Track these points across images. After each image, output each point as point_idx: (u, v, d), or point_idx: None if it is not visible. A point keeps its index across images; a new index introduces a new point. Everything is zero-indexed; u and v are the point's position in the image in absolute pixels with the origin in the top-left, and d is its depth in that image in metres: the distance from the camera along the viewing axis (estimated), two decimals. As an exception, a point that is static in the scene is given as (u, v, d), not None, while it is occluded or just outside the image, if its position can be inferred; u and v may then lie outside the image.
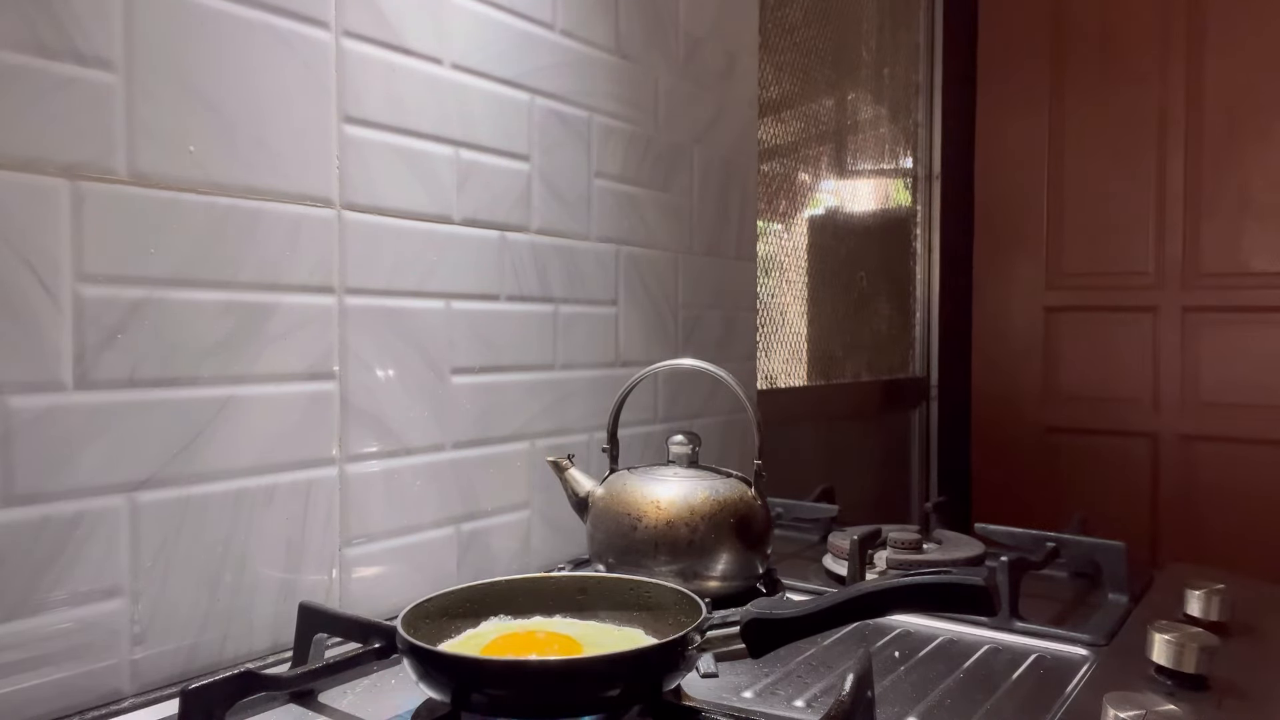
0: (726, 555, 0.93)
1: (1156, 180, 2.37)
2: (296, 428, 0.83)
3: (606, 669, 0.61)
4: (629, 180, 1.23)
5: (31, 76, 0.66)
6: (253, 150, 0.80)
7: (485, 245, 1.02)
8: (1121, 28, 2.40)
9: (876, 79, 2.30)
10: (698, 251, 1.36)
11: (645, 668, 0.62)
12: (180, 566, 0.75)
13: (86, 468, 0.69)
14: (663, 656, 0.62)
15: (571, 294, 1.14)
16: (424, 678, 0.62)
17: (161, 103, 0.73)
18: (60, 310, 0.68)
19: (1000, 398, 2.58)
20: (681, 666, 0.63)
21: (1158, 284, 2.36)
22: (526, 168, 1.07)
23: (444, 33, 0.97)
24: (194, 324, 0.76)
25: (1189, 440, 2.32)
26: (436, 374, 0.97)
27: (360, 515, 0.89)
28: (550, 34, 1.10)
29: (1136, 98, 2.38)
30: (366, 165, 0.89)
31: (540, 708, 0.60)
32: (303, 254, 0.84)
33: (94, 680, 0.70)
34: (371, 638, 0.71)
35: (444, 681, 0.62)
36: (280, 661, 0.80)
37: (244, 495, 0.79)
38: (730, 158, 1.45)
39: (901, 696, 0.73)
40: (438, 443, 0.97)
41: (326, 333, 0.86)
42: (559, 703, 0.60)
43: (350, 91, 0.87)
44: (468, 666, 0.61)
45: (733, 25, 1.45)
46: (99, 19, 0.69)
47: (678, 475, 0.97)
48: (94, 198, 0.69)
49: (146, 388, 0.73)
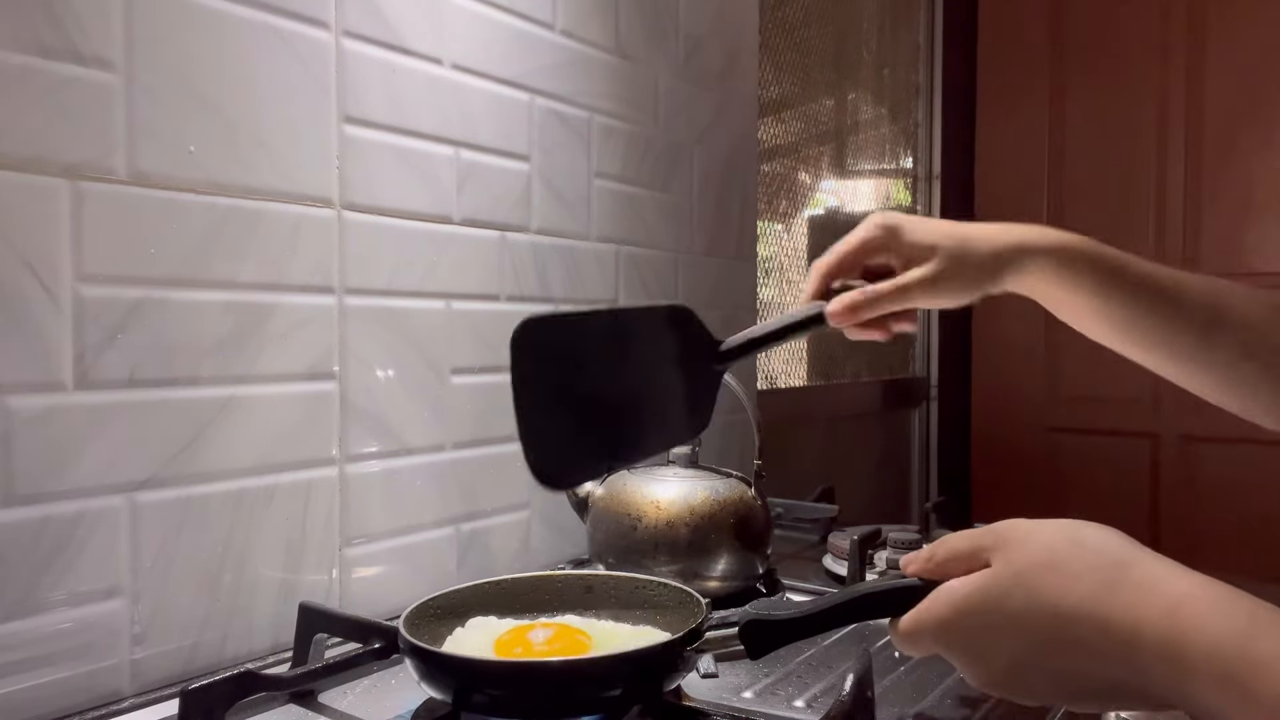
0: (726, 555, 0.93)
1: (1156, 180, 2.37)
2: (296, 428, 0.83)
3: (606, 670, 0.61)
4: (629, 180, 1.23)
5: (31, 76, 0.66)
6: (253, 150, 0.80)
7: (485, 245, 1.02)
8: (1121, 28, 2.40)
9: (876, 79, 2.30)
10: (698, 251, 1.36)
11: (645, 669, 0.62)
12: (180, 566, 0.75)
13: (86, 468, 0.69)
14: (663, 658, 0.62)
15: (571, 294, 1.14)
16: (425, 678, 0.62)
17: (161, 103, 0.73)
18: (60, 310, 0.68)
19: (1000, 398, 2.58)
20: (681, 667, 0.63)
21: (1158, 284, 2.36)
22: (526, 168, 1.07)
23: (444, 33, 0.97)
24: (194, 324, 0.76)
25: (1189, 440, 2.32)
26: (436, 374, 0.97)
27: (360, 515, 0.89)
28: (550, 34, 1.10)
29: (1136, 97, 2.38)
30: (366, 165, 0.89)
31: (541, 708, 0.60)
32: (303, 254, 0.84)
33: (94, 680, 0.70)
34: (371, 638, 0.72)
35: (445, 682, 0.62)
36: (280, 661, 0.80)
37: (244, 495, 0.79)
38: (730, 158, 1.45)
39: (901, 696, 0.73)
40: (438, 443, 0.97)
41: (326, 333, 0.86)
42: (559, 704, 0.60)
43: (350, 91, 0.87)
44: (468, 668, 0.61)
45: (733, 25, 1.45)
46: (99, 19, 0.69)
47: (678, 475, 0.96)
48: (94, 198, 0.69)
49: (146, 388, 0.73)
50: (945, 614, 0.51)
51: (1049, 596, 0.48)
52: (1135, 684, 0.46)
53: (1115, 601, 0.47)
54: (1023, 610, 0.48)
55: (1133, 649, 0.46)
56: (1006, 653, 0.49)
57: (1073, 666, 0.48)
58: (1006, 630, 0.49)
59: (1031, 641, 0.48)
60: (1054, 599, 0.48)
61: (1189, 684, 0.44)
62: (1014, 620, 0.49)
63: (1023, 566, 0.50)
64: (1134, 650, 0.46)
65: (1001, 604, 0.49)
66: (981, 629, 0.50)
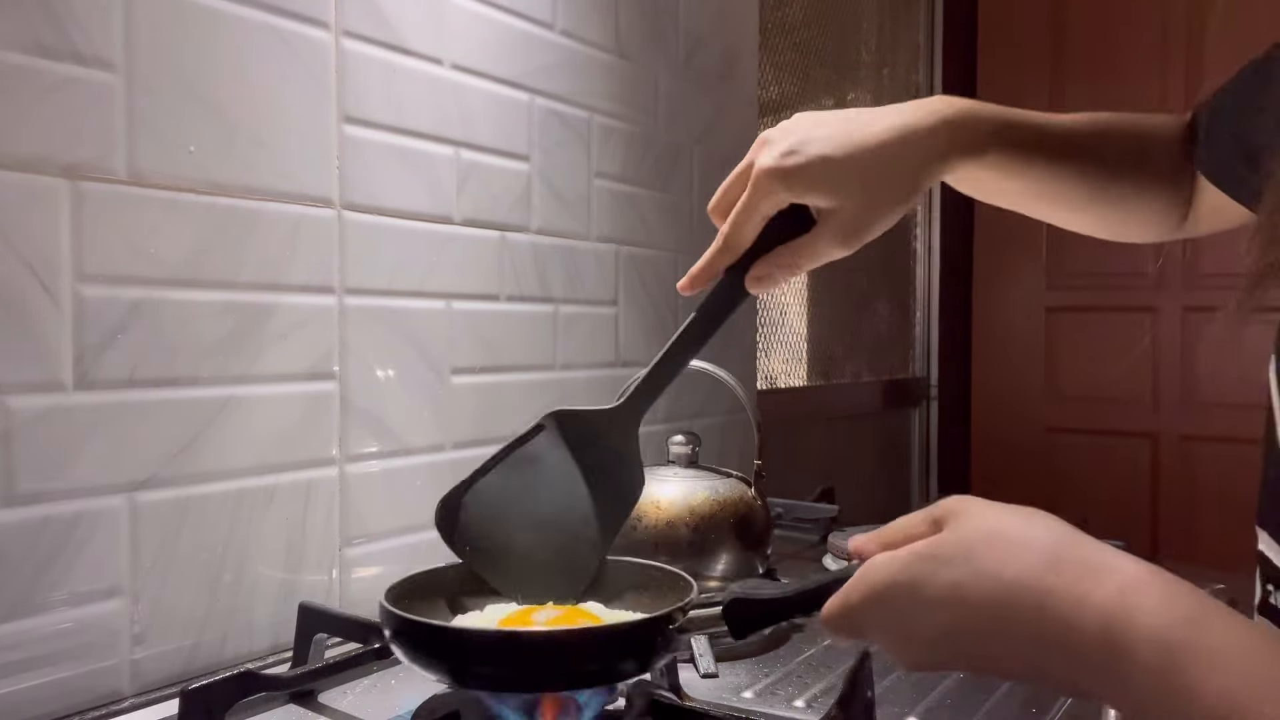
0: (726, 555, 0.93)
1: (1156, 180, 2.36)
2: (296, 428, 0.83)
3: (583, 642, 0.59)
4: (629, 180, 1.23)
5: (31, 76, 0.66)
6: (253, 150, 0.80)
7: (485, 245, 1.02)
8: (1121, 28, 2.40)
9: (876, 79, 2.29)
10: (698, 251, 1.36)
11: (627, 644, 0.60)
12: (180, 566, 0.75)
13: (86, 468, 0.69)
14: (645, 633, 0.60)
15: (571, 294, 1.14)
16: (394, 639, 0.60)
17: (161, 103, 0.73)
18: (60, 310, 0.68)
19: (1000, 398, 2.58)
20: (664, 646, 0.61)
21: (1158, 284, 2.36)
22: (526, 168, 1.07)
23: (444, 33, 0.97)
24: (194, 324, 0.76)
25: (1189, 440, 2.32)
26: (436, 374, 0.97)
27: (360, 515, 0.89)
28: (550, 34, 1.10)
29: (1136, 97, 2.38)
30: (366, 165, 0.89)
31: (513, 680, 0.59)
32: (303, 254, 0.84)
33: (94, 680, 0.70)
34: (371, 638, 0.72)
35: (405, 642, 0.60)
36: (280, 661, 0.80)
37: (244, 495, 0.79)
38: (730, 158, 1.44)
39: (901, 696, 0.73)
40: (438, 443, 0.97)
41: (326, 333, 0.86)
42: (535, 676, 0.59)
43: (350, 91, 0.87)
44: (430, 633, 0.59)
45: (733, 25, 1.45)
46: (99, 19, 0.69)
47: (677, 475, 0.96)
48: (94, 198, 0.69)
49: (146, 388, 0.73)
50: (879, 583, 0.48)
51: (991, 566, 0.45)
52: (1065, 666, 0.43)
53: (1060, 576, 0.44)
54: (961, 579, 0.45)
55: (1070, 627, 0.43)
56: (937, 623, 0.46)
57: (1002, 644, 0.45)
58: (941, 600, 0.46)
59: (964, 614, 0.45)
60: (995, 568, 0.45)
61: (1124, 667, 0.41)
62: (952, 589, 0.46)
63: (967, 535, 0.47)
64: (1071, 628, 0.43)
65: (939, 573, 0.46)
66: (911, 601, 0.47)
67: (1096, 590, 0.43)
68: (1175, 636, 0.41)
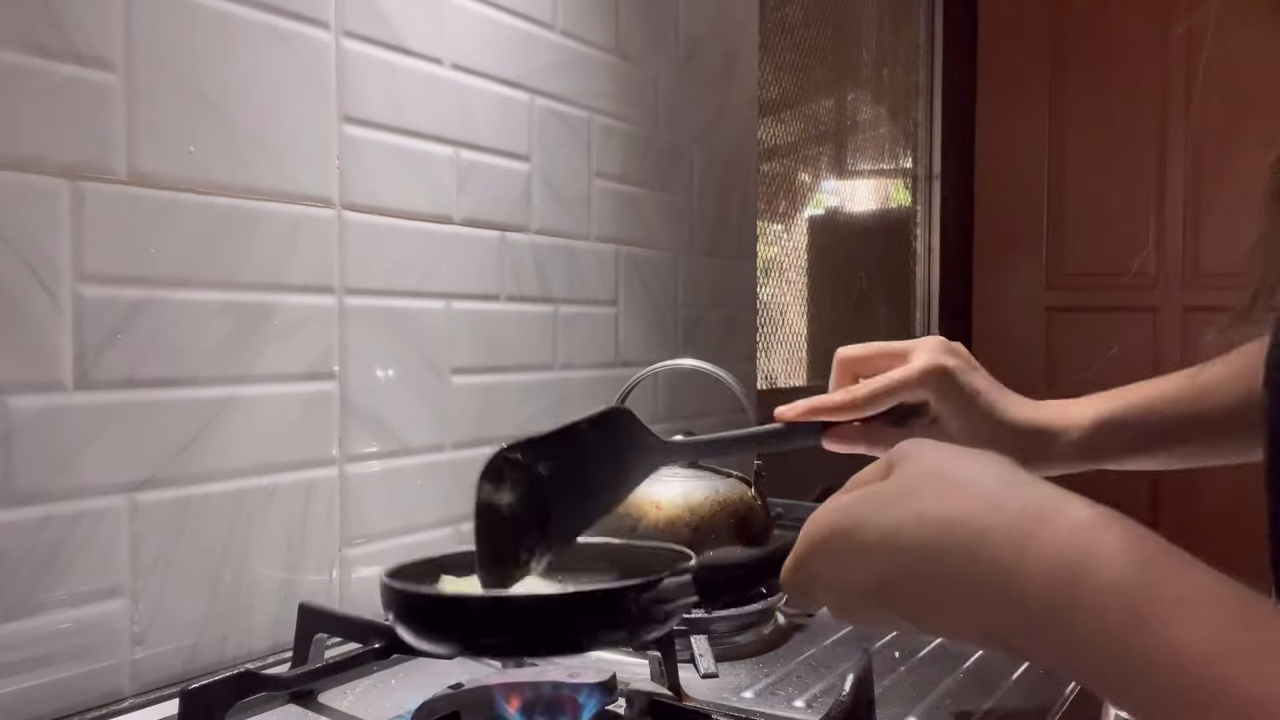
0: (726, 555, 0.92)
1: (1156, 180, 2.37)
2: (296, 428, 0.83)
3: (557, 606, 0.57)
4: (629, 180, 1.23)
5: (31, 76, 0.66)
6: (253, 150, 0.80)
7: (485, 245, 1.02)
8: (1121, 27, 2.40)
9: (876, 79, 2.30)
10: (698, 251, 1.36)
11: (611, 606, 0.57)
12: (180, 566, 0.75)
13: (86, 468, 0.69)
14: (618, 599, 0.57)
15: (571, 294, 1.14)
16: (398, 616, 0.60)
17: (161, 103, 0.73)
18: (60, 310, 0.68)
19: (1000, 398, 2.57)
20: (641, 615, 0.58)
21: (1158, 284, 2.36)
22: (526, 168, 1.07)
23: (444, 33, 0.97)
24: (194, 324, 0.76)
25: (1189, 440, 2.32)
26: (436, 374, 0.97)
27: (360, 515, 0.89)
28: (550, 34, 1.10)
29: (1136, 98, 2.38)
30: (366, 165, 0.89)
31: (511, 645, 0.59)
32: (303, 254, 0.84)
33: (94, 680, 0.70)
34: (371, 638, 0.71)
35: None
36: (280, 661, 0.80)
37: (244, 495, 0.79)
38: (730, 158, 1.45)
39: (901, 696, 0.73)
40: (438, 443, 0.97)
41: (326, 333, 0.86)
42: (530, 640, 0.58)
43: (350, 91, 0.87)
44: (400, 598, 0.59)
45: (733, 25, 1.45)
46: (99, 19, 0.69)
47: (677, 475, 0.96)
48: (94, 198, 0.69)
49: (146, 388, 0.73)
50: (819, 531, 0.44)
51: (927, 507, 0.41)
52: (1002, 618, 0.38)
53: (1002, 514, 0.39)
54: (898, 521, 0.41)
55: (1008, 571, 0.38)
56: (873, 571, 0.42)
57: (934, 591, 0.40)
58: (878, 544, 0.41)
59: (898, 559, 0.41)
60: (931, 508, 0.41)
61: (1074, 618, 0.36)
62: (887, 533, 0.41)
63: (910, 475, 0.43)
64: (1010, 572, 0.38)
65: (876, 516, 0.42)
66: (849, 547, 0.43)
67: (1043, 531, 0.38)
68: (1137, 583, 0.35)
